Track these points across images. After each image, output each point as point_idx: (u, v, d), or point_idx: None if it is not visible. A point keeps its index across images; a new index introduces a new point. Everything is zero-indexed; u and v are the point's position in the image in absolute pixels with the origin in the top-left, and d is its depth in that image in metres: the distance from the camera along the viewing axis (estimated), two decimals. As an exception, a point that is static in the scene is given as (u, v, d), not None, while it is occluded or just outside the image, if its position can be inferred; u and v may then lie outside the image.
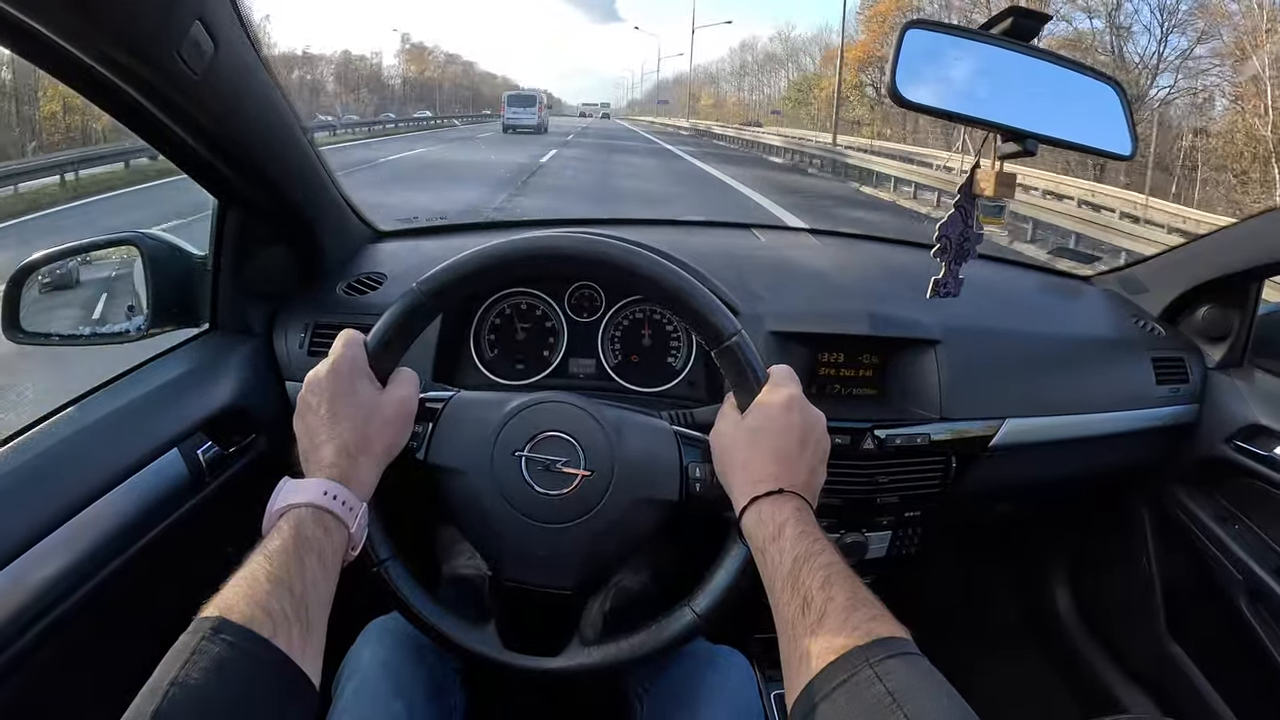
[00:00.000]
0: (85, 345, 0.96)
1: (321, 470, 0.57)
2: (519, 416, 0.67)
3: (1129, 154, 0.78)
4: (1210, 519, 1.12)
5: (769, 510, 0.57)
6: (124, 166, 10.63)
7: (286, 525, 0.53)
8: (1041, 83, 0.74)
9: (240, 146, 0.78)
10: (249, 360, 0.93)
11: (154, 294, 0.90)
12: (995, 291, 1.22)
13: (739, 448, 0.62)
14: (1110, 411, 1.08)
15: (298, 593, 0.49)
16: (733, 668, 0.77)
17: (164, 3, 0.57)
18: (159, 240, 0.93)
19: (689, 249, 0.99)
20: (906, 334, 1.00)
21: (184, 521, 0.79)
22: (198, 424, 0.83)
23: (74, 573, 0.67)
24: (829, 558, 0.53)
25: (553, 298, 1.02)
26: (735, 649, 0.79)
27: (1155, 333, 1.17)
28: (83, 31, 0.54)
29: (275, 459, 0.92)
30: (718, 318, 0.64)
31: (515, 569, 0.68)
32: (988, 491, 1.08)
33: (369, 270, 1.03)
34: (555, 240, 0.68)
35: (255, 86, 0.74)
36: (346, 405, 0.60)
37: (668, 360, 1.01)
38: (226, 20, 0.65)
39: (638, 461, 0.67)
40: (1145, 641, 1.25)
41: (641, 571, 0.84)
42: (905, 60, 0.67)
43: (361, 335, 0.64)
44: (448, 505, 0.67)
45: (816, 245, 1.34)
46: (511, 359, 1.01)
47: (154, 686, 0.42)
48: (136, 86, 0.62)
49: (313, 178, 0.92)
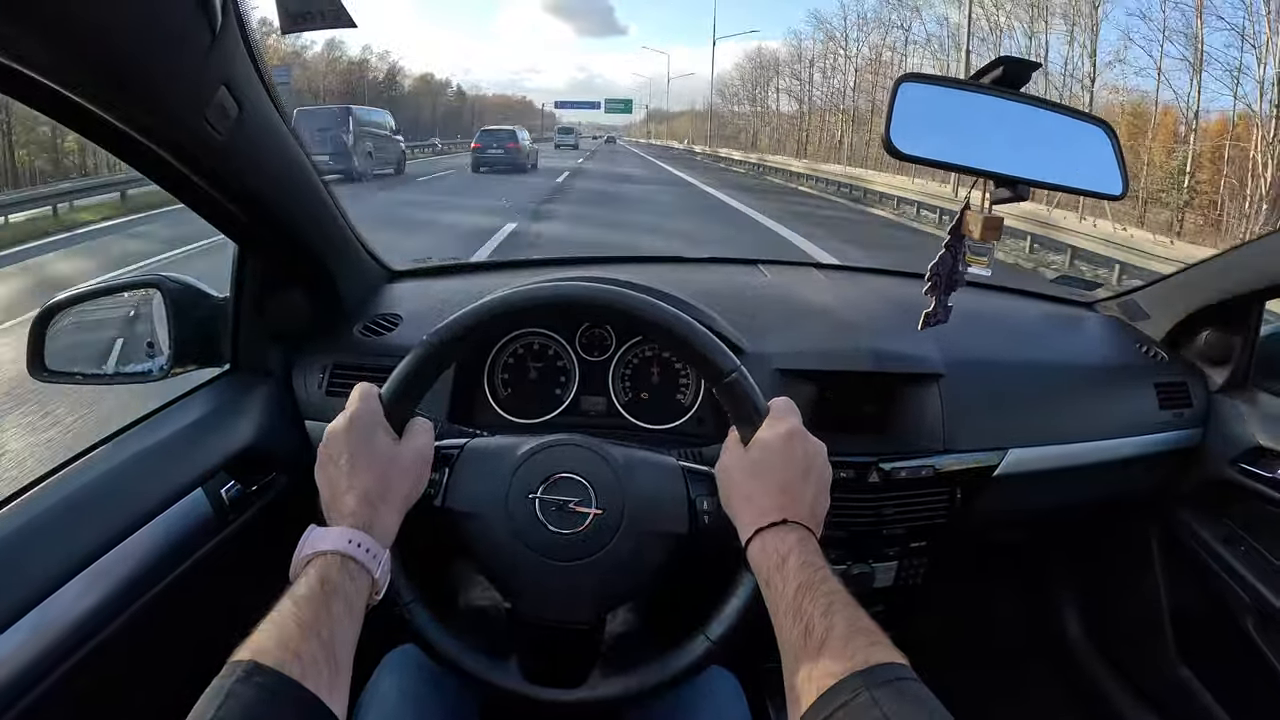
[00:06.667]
0: (109, 384, 0.99)
1: (344, 519, 0.59)
2: (531, 460, 0.69)
3: (1120, 194, 0.80)
4: (1217, 542, 1.12)
5: (773, 541, 0.59)
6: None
7: (314, 572, 0.55)
8: (1033, 128, 0.76)
9: (261, 198, 0.80)
10: (269, 400, 0.95)
11: (175, 335, 0.93)
12: (997, 322, 1.23)
13: (743, 480, 0.64)
14: (1114, 438, 1.08)
15: (325, 637, 0.51)
16: (721, 686, 0.79)
17: (192, 71, 0.60)
18: (180, 283, 0.95)
19: (696, 286, 1.02)
20: (910, 369, 1.01)
21: (208, 558, 0.81)
22: (221, 463, 0.86)
23: (104, 610, 0.69)
24: (831, 586, 0.55)
25: (564, 338, 1.04)
26: (724, 669, 0.80)
27: (1158, 358, 1.17)
28: (114, 100, 0.57)
29: (294, 497, 0.94)
30: (717, 356, 0.67)
31: (533, 605, 0.69)
32: (994, 520, 1.09)
33: (385, 311, 1.06)
34: (560, 289, 0.71)
35: (276, 142, 0.77)
36: (365, 457, 0.62)
37: (676, 398, 1.03)
38: (250, 84, 0.68)
39: (647, 498, 0.69)
40: (1155, 665, 1.25)
41: (655, 603, 0.85)
42: (899, 113, 0.69)
43: (376, 389, 0.66)
44: (466, 546, 0.69)
45: (822, 280, 1.35)
46: (525, 398, 1.03)
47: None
48: (164, 147, 0.65)
49: (329, 223, 0.95)
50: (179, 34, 0.56)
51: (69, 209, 10.10)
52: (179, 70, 0.58)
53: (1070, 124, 0.80)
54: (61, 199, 10.18)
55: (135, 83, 0.56)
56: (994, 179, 0.73)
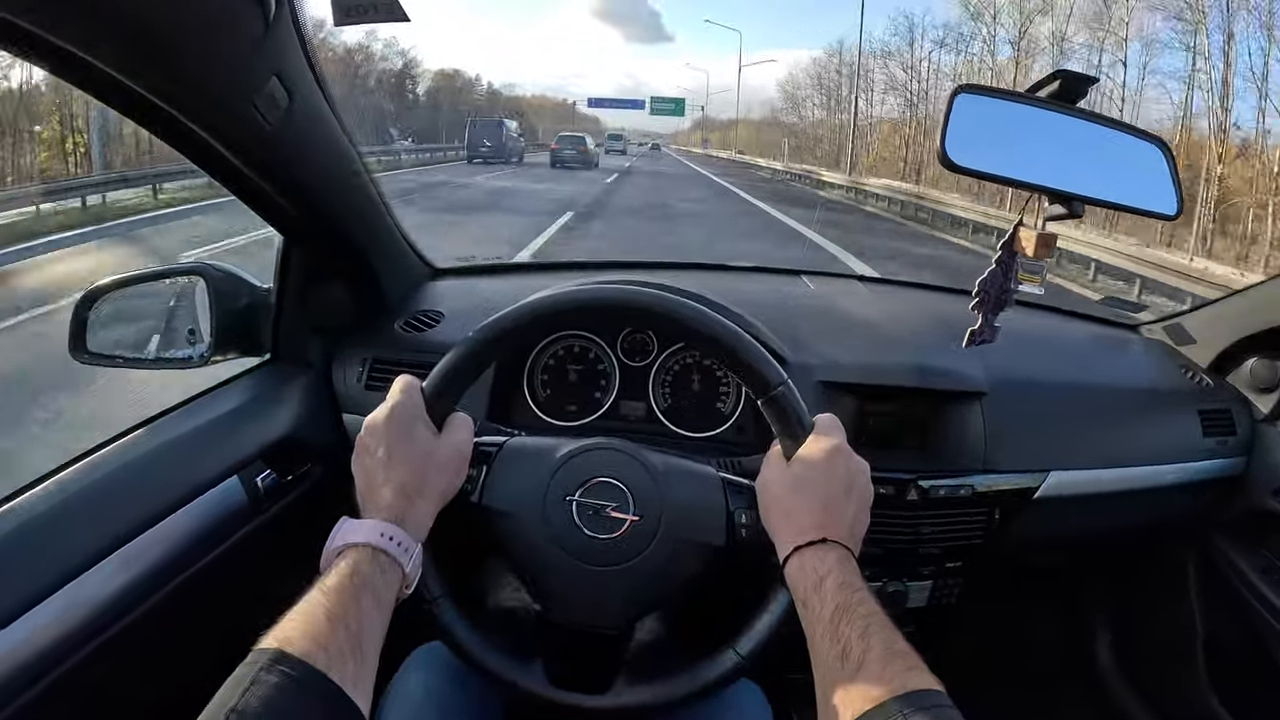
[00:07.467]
0: (149, 369, 1.00)
1: (379, 511, 0.60)
2: (571, 462, 0.69)
3: (1174, 214, 0.78)
4: (1254, 572, 1.10)
5: (812, 560, 0.59)
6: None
7: (344, 564, 0.55)
8: (1088, 144, 0.75)
9: (308, 189, 0.81)
10: (307, 392, 0.96)
11: (217, 323, 0.94)
12: (1042, 342, 1.22)
13: (784, 496, 0.63)
14: (1156, 464, 1.06)
15: (353, 629, 0.51)
16: (746, 696, 0.78)
17: (244, 59, 0.61)
18: (224, 271, 0.96)
19: (740, 295, 1.01)
20: (953, 386, 1.00)
21: (240, 546, 0.82)
22: (258, 452, 0.87)
23: (134, 591, 0.70)
24: (869, 609, 0.54)
25: (605, 341, 1.04)
26: (751, 681, 0.79)
27: (1203, 384, 1.15)
28: (166, 86, 0.58)
29: (329, 488, 0.95)
30: (764, 367, 0.67)
31: (563, 608, 0.69)
32: (1030, 543, 1.07)
33: (426, 308, 1.06)
34: (605, 292, 0.70)
35: (325, 133, 0.78)
36: (404, 450, 0.62)
37: (716, 406, 1.03)
38: (301, 74, 0.68)
39: (685, 507, 0.68)
40: (1186, 694, 1.23)
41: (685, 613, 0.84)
42: (955, 125, 0.68)
43: (419, 381, 0.67)
44: (499, 545, 0.69)
45: (865, 293, 1.34)
46: (564, 400, 1.03)
47: (212, 714, 0.44)
48: (213, 134, 0.66)
49: (375, 218, 0.95)
50: (232, 22, 0.57)
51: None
52: (231, 57, 0.59)
53: (1126, 141, 0.78)
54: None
55: (187, 68, 0.57)
56: (1049, 195, 0.72)
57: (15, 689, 0.59)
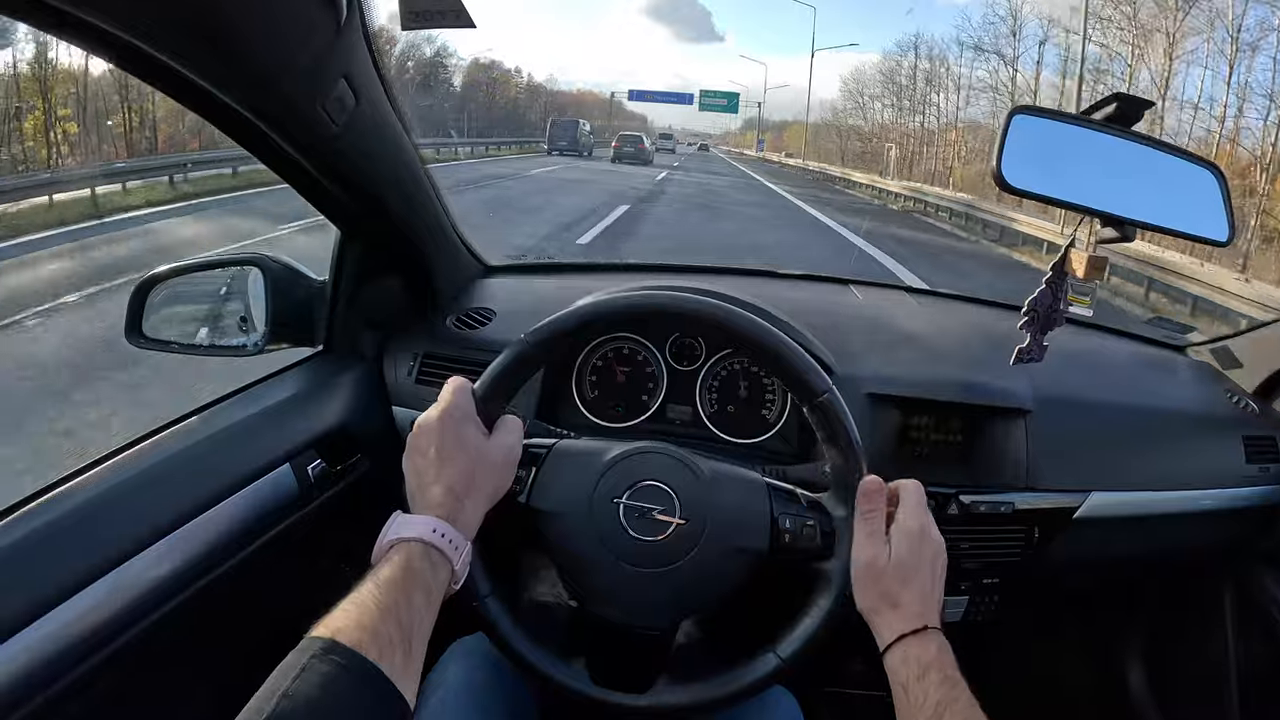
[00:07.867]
0: (204, 355, 1.03)
1: (430, 509, 0.61)
2: (619, 465, 0.71)
3: (1226, 240, 0.78)
4: None
5: (915, 649, 0.61)
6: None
7: (397, 557, 0.56)
8: (1142, 168, 0.75)
9: (368, 187, 0.83)
10: (359, 383, 0.99)
11: (272, 313, 0.96)
12: (1088, 360, 1.20)
13: (887, 582, 0.64)
14: (1198, 489, 1.05)
15: (404, 622, 0.52)
16: (781, 706, 0.79)
17: (315, 63, 0.63)
18: (280, 263, 0.99)
19: (788, 303, 1.02)
20: (998, 403, 0.99)
21: (289, 533, 0.84)
22: (309, 441, 0.89)
23: (188, 572, 0.72)
24: (967, 707, 0.57)
25: (654, 345, 1.04)
26: (784, 689, 0.80)
27: (1248, 409, 1.14)
28: (236, 84, 0.60)
29: (376, 479, 0.97)
30: (810, 376, 0.68)
31: (605, 607, 0.70)
32: (1068, 563, 1.06)
33: (478, 305, 1.08)
34: (656, 298, 0.72)
35: (390, 136, 0.80)
36: (454, 450, 0.63)
37: (762, 413, 1.03)
38: (368, 77, 0.70)
39: (730, 512, 0.69)
40: None
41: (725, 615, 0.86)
42: (1011, 146, 0.69)
43: (470, 383, 0.68)
44: (546, 545, 0.71)
45: (914, 305, 1.34)
46: (611, 402, 1.04)
47: (263, 698, 0.45)
48: (281, 134, 0.68)
49: (432, 216, 0.97)
50: (307, 26, 0.59)
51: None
52: (304, 60, 0.61)
53: (1180, 165, 0.78)
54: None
55: (261, 71, 0.59)
56: (1101, 218, 0.73)
57: (67, 665, 0.61)
